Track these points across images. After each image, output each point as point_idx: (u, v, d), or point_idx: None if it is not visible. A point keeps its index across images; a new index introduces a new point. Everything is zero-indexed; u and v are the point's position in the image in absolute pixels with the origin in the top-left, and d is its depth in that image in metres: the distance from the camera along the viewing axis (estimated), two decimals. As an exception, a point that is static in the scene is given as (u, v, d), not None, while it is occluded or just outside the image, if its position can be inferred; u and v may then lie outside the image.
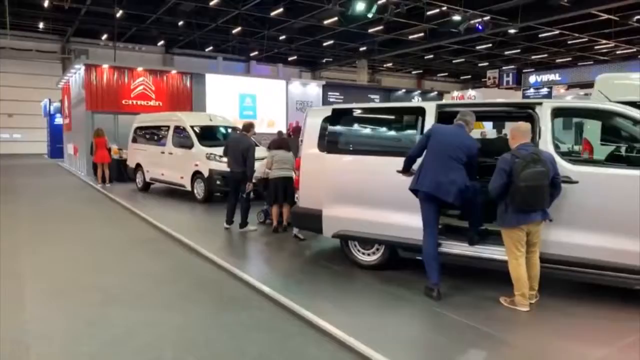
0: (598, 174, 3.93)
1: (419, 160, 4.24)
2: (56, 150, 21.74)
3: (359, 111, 5.34)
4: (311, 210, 5.14)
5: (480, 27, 18.75)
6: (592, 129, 6.81)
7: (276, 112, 18.89)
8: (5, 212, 8.88)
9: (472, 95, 27.05)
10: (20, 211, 9.09)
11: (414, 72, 42.20)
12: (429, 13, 21.84)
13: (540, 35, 27.46)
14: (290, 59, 34.88)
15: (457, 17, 18.14)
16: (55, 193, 11.87)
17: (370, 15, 16.21)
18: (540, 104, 4.22)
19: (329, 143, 5.05)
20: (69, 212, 9.15)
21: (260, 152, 9.90)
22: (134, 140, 11.93)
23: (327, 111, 5.21)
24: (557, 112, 4.22)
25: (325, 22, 24.96)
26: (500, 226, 3.89)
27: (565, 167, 3.94)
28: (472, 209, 4.25)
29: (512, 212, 3.73)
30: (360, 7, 15.96)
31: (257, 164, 6.95)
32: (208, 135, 10.33)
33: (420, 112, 4.56)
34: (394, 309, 4.02)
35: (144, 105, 15.89)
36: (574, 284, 4.23)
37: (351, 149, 5.08)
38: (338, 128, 5.16)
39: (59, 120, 23.13)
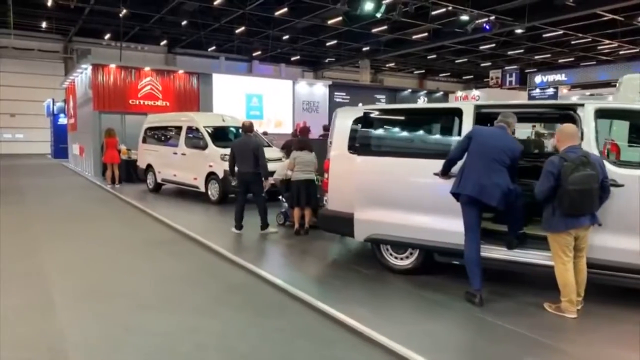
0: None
1: (459, 163, 4.16)
2: (60, 150, 21.60)
3: (392, 112, 5.25)
4: (341, 213, 5.04)
5: (487, 27, 18.68)
6: (618, 130, 6.72)
7: (283, 112, 18.79)
8: (17, 212, 8.77)
9: (476, 95, 27.03)
10: (32, 211, 8.98)
11: (416, 72, 42.15)
12: (433, 13, 21.81)
13: (544, 35, 27.45)
14: (293, 58, 34.78)
15: (465, 17, 18.05)
16: (64, 193, 11.75)
17: (378, 15, 16.11)
18: (582, 105, 4.14)
19: (361, 144, 4.95)
20: (82, 213, 9.04)
21: (272, 152, 9.84)
22: (144, 141, 11.81)
23: (358, 112, 5.11)
24: (600, 114, 4.13)
25: (329, 21, 24.88)
26: (547, 231, 3.80)
27: (610, 169, 3.86)
28: (513, 213, 4.16)
29: (560, 217, 3.64)
30: (369, 6, 15.87)
31: (271, 165, 6.84)
32: (221, 135, 10.22)
33: (457, 113, 4.47)
34: (434, 315, 3.94)
35: (151, 105, 15.78)
36: (618, 290, 4.15)
37: (384, 150, 4.99)
38: (370, 129, 5.05)
39: (62, 120, 22.98)
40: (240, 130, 10.61)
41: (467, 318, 3.86)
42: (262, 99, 18.23)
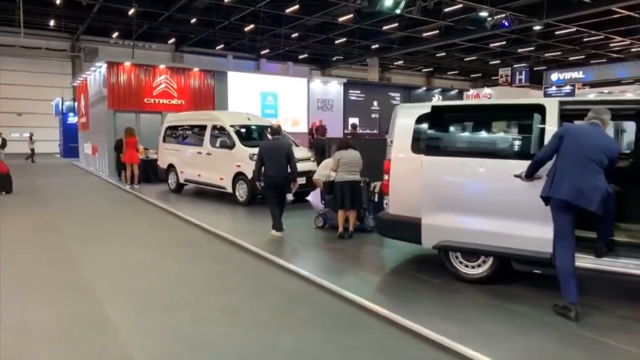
0: None
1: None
2: (69, 149, 21.28)
3: (464, 108, 4.90)
4: (405, 218, 4.71)
5: (506, 23, 18.31)
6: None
7: (298, 110, 18.45)
8: (42, 214, 8.45)
9: (488, 93, 26.69)
10: (57, 213, 8.65)
11: (424, 70, 41.78)
12: (446, 10, 21.47)
13: (556, 33, 27.11)
14: (301, 57, 34.42)
15: (484, 13, 17.70)
16: (84, 194, 11.44)
17: (398, 11, 15.76)
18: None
19: (428, 144, 4.61)
20: (109, 215, 8.72)
21: (299, 152, 9.48)
22: (165, 140, 11.47)
23: (423, 108, 4.76)
24: None
25: (340, 19, 24.56)
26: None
27: None
28: (606, 218, 3.83)
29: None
30: (388, 2, 15.52)
31: (299, 165, 6.69)
32: (247, 135, 9.89)
33: (539, 109, 4.14)
34: (529, 330, 3.59)
35: (166, 103, 15.47)
36: None
37: (456, 150, 4.63)
38: (439, 127, 4.70)
39: (72, 119, 22.67)
40: (265, 130, 10.40)
41: (565, 334, 3.51)
42: (277, 97, 17.90)
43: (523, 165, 3.98)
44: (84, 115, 18.52)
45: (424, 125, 4.66)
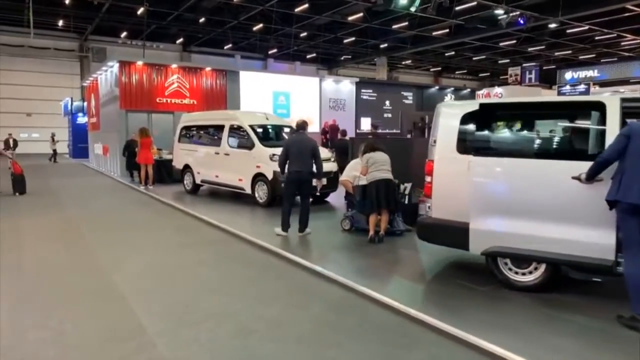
0: None
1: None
2: (79, 150, 21.14)
3: (517, 106, 4.64)
4: (451, 222, 4.47)
5: (522, 21, 18.02)
6: None
7: (310, 110, 18.23)
8: (60, 218, 8.26)
9: (499, 92, 26.42)
10: (75, 216, 8.46)
11: (432, 70, 41.48)
12: (457, 8, 21.19)
13: (568, 31, 26.77)
14: (308, 56, 34.22)
15: (499, 11, 17.42)
16: (99, 196, 11.25)
17: (413, 9, 15.51)
18: None
19: (476, 144, 4.37)
20: (128, 218, 8.52)
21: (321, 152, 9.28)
22: (181, 140, 11.28)
23: (469, 106, 4.52)
24: None
25: (350, 18, 24.34)
26: None
27: None
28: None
29: None
30: (403, 1, 15.27)
31: (326, 166, 6.71)
32: (265, 135, 9.68)
33: (599, 107, 3.90)
34: (604, 345, 3.31)
35: (178, 103, 15.30)
36: None
37: (508, 151, 4.39)
38: (488, 126, 4.45)
39: (81, 119, 22.54)
40: (285, 130, 10.18)
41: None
42: (289, 97, 17.68)
43: (581, 166, 3.75)
44: (94, 116, 18.37)
45: (471, 124, 4.42)
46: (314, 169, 6.55)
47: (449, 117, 4.60)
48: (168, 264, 5.44)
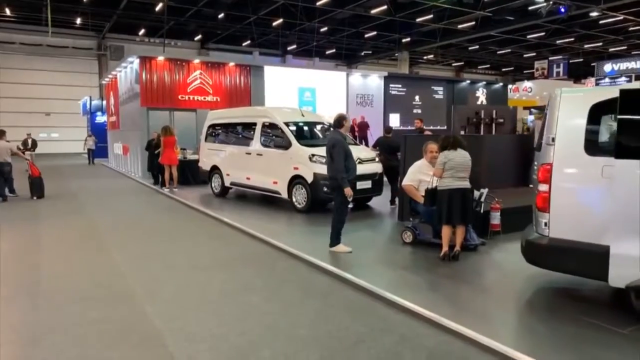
0: None
1: None
2: (97, 149, 20.61)
3: None
4: (579, 244, 3.53)
5: (563, 9, 16.89)
6: None
7: (336, 106, 17.33)
8: (82, 225, 7.60)
9: (528, 87, 25.25)
10: (98, 223, 7.79)
11: (454, 64, 40.22)
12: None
13: (601, 22, 25.40)
14: (328, 52, 33.35)
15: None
16: (121, 199, 10.59)
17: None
18: None
19: (616, 143, 3.41)
20: (154, 226, 7.78)
21: (361, 151, 8.39)
22: (207, 139, 10.52)
23: (601, 94, 3.57)
24: None
25: (373, 11, 23.45)
26: None
27: None
28: None
29: None
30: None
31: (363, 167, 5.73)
32: (302, 133, 8.84)
33: None
34: None
35: (201, 100, 14.60)
36: None
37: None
38: (634, 119, 3.41)
39: (100, 118, 22.04)
40: (321, 127, 9.30)
41: None
42: (314, 92, 16.83)
43: None
44: (114, 114, 17.79)
45: (607, 118, 3.48)
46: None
47: (573, 107, 3.65)
48: (209, 289, 4.61)
